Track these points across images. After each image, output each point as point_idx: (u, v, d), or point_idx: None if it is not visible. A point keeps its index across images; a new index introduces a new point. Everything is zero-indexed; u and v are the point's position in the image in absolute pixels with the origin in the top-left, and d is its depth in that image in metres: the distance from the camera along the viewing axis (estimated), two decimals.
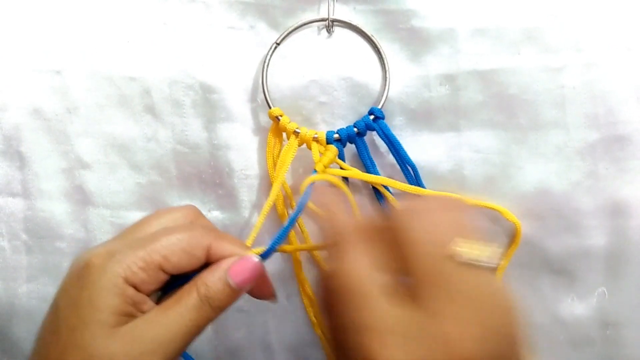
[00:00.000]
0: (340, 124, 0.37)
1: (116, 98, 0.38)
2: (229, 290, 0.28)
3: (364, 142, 0.36)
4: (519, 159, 0.36)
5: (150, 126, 0.38)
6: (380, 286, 0.24)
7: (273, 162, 0.37)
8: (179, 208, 0.31)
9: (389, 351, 0.22)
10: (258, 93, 0.37)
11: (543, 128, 0.35)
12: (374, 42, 0.36)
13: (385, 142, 0.36)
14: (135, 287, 0.27)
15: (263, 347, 0.40)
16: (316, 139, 0.36)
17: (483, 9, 0.35)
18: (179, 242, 0.28)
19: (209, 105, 0.37)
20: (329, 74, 0.36)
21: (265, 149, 0.37)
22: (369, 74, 0.36)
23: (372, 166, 0.37)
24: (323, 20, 0.36)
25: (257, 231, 0.32)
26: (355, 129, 0.36)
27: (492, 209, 0.36)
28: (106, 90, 0.38)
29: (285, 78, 0.37)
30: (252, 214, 0.38)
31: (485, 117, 0.36)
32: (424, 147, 0.37)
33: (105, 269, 0.26)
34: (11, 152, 0.38)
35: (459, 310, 0.23)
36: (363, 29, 0.36)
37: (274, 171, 0.36)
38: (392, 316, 0.23)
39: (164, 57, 0.37)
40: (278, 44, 0.36)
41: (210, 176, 0.38)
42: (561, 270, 0.37)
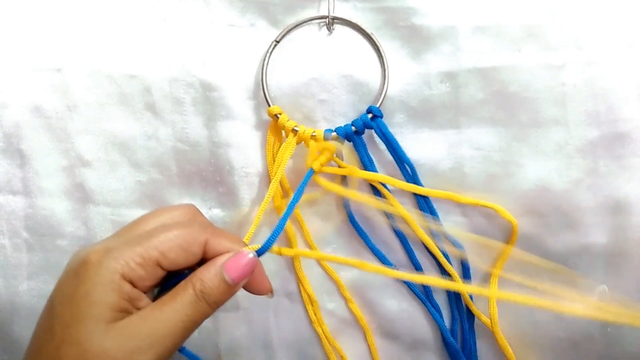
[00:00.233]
0: (341, 122, 0.37)
1: (116, 96, 0.38)
2: (225, 285, 0.28)
3: (362, 140, 0.36)
4: (520, 156, 0.36)
5: (150, 124, 0.38)
6: None
7: (273, 159, 0.37)
8: (177, 206, 0.32)
9: None
10: (258, 91, 0.37)
11: (544, 126, 0.35)
12: (373, 40, 0.36)
13: (383, 141, 0.36)
14: (132, 283, 0.27)
15: (263, 344, 0.40)
16: (314, 137, 0.36)
17: (483, 7, 0.35)
18: (176, 238, 0.28)
19: (210, 103, 0.37)
20: (329, 71, 0.36)
21: (265, 146, 0.37)
22: (369, 71, 0.36)
23: (370, 164, 0.37)
24: (323, 17, 0.36)
25: (255, 227, 0.32)
26: (353, 128, 0.36)
27: (489, 207, 0.36)
28: (106, 88, 0.38)
29: (286, 76, 0.37)
30: (252, 212, 0.38)
31: (486, 114, 0.36)
32: (424, 144, 0.37)
33: (102, 265, 0.26)
34: (12, 150, 0.38)
35: None
36: (363, 26, 0.36)
37: (273, 168, 0.36)
38: None
39: (164, 55, 0.37)
40: (277, 42, 0.36)
41: (210, 174, 0.38)
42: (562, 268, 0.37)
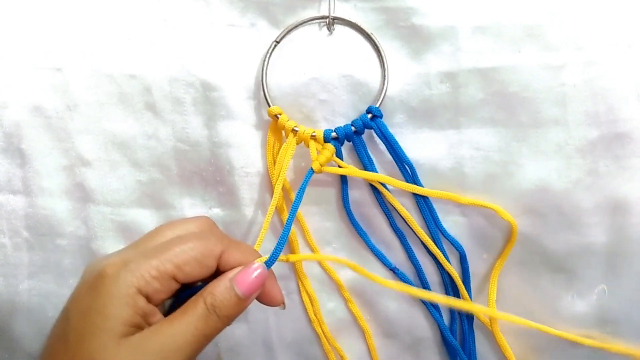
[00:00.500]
0: (341, 122, 0.37)
1: (117, 96, 0.38)
2: (236, 299, 0.28)
3: (361, 140, 0.36)
4: (520, 156, 0.36)
5: (150, 124, 0.38)
6: None
7: (273, 159, 0.37)
8: (192, 218, 0.32)
9: None
10: (258, 91, 0.37)
11: (543, 126, 0.35)
12: (373, 40, 0.36)
13: (383, 141, 0.36)
14: (147, 297, 0.27)
15: (264, 344, 0.40)
16: (314, 137, 0.36)
17: (483, 7, 0.35)
18: (192, 250, 0.28)
19: (210, 103, 0.37)
20: (329, 71, 0.36)
21: (265, 146, 0.37)
22: (369, 71, 0.36)
23: (370, 164, 0.37)
24: (324, 18, 0.36)
25: (264, 233, 0.33)
26: (353, 128, 0.36)
27: (488, 207, 0.36)
28: (107, 88, 0.38)
29: (286, 76, 0.37)
30: (252, 211, 0.38)
31: (486, 114, 0.36)
32: (424, 144, 0.37)
33: (119, 278, 0.26)
34: (12, 150, 0.38)
35: None
36: (363, 26, 0.36)
37: (274, 169, 0.36)
38: None
39: (164, 54, 0.37)
40: (278, 42, 0.36)
41: (210, 174, 0.38)
42: (561, 268, 0.37)
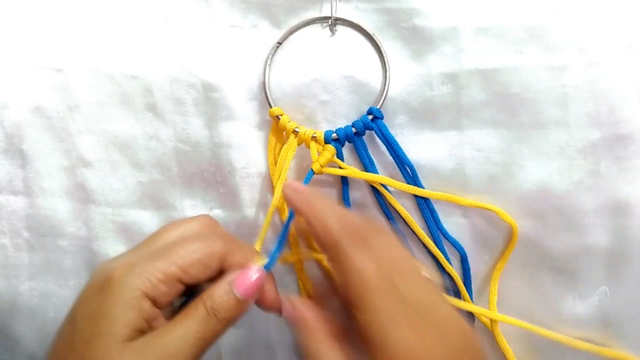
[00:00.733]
0: (342, 123, 0.37)
1: (117, 96, 0.38)
2: (235, 301, 0.28)
3: (362, 141, 0.36)
4: (521, 157, 0.36)
5: (151, 124, 0.38)
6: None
7: (274, 160, 0.37)
8: (195, 218, 0.32)
9: None
10: (259, 91, 0.37)
11: (545, 127, 0.35)
12: (375, 41, 0.36)
13: (383, 142, 0.36)
14: (153, 300, 0.27)
15: (264, 344, 0.40)
16: (315, 138, 0.36)
17: (485, 8, 0.35)
18: (196, 253, 0.28)
19: (211, 104, 0.37)
20: (331, 72, 0.36)
21: (266, 147, 0.37)
22: (371, 72, 0.36)
23: (371, 165, 0.37)
24: (326, 19, 0.36)
25: (264, 235, 0.33)
26: (354, 129, 0.36)
27: (488, 209, 0.36)
28: (108, 88, 0.38)
29: (288, 76, 0.37)
30: (253, 212, 0.38)
31: (488, 116, 0.36)
32: (426, 145, 0.37)
33: (126, 282, 0.26)
34: (13, 150, 0.38)
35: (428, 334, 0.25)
36: (365, 27, 0.36)
37: (275, 169, 0.36)
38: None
39: (165, 55, 0.37)
40: (280, 44, 0.36)
41: (211, 174, 0.38)
42: (563, 269, 0.37)
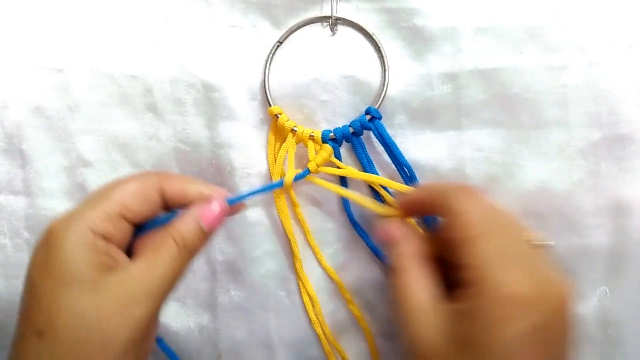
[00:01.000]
0: (342, 123, 0.37)
1: (117, 96, 0.38)
2: (202, 233, 0.29)
3: (360, 141, 0.36)
4: (521, 157, 0.36)
5: (151, 124, 0.38)
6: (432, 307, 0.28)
7: (274, 158, 0.37)
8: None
9: None
10: (259, 92, 0.37)
11: (545, 127, 0.35)
12: (374, 40, 0.36)
13: (381, 142, 0.36)
14: (104, 238, 0.28)
15: (264, 344, 0.40)
16: (312, 138, 0.36)
17: (485, 8, 0.35)
18: (132, 187, 0.29)
19: (211, 104, 0.37)
20: (330, 72, 0.36)
21: (266, 147, 0.37)
22: (370, 72, 0.36)
23: (370, 165, 0.37)
24: (326, 18, 0.36)
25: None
26: (351, 129, 0.36)
27: None
28: (108, 89, 0.38)
29: (288, 76, 0.37)
30: (253, 212, 0.38)
31: (487, 116, 0.36)
32: (425, 145, 0.37)
33: (69, 228, 0.27)
34: (13, 150, 0.38)
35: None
36: (365, 27, 0.36)
37: (275, 168, 0.37)
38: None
39: (165, 55, 0.37)
40: (281, 43, 0.36)
41: (211, 174, 0.38)
42: (562, 270, 0.37)
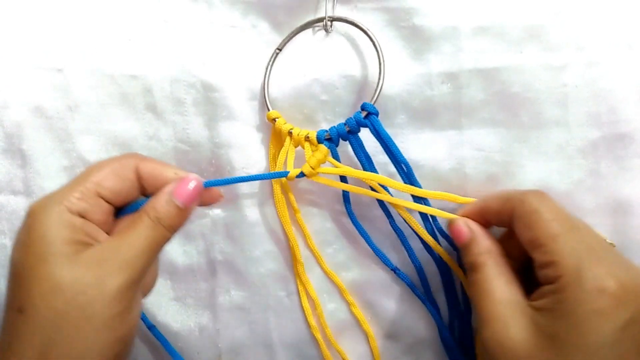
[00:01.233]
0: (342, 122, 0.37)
1: (117, 96, 0.38)
2: (177, 209, 0.30)
3: (358, 139, 0.35)
4: (521, 157, 0.36)
5: (151, 124, 0.38)
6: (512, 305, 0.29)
7: (274, 163, 0.37)
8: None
9: None
10: (259, 91, 0.37)
11: (545, 126, 0.35)
12: (369, 36, 0.35)
13: (377, 139, 0.35)
14: (81, 217, 0.28)
15: (264, 344, 0.40)
16: (308, 139, 0.36)
17: (485, 7, 0.35)
18: (107, 167, 0.30)
19: (211, 104, 0.37)
20: (330, 72, 0.36)
21: (266, 147, 0.37)
22: (370, 71, 0.36)
23: (369, 163, 0.36)
24: (322, 19, 0.36)
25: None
26: (347, 127, 0.35)
27: None
28: (108, 89, 0.38)
29: (287, 77, 0.37)
30: (253, 212, 0.38)
31: (487, 115, 0.36)
32: (425, 145, 0.36)
33: (47, 208, 0.28)
34: (13, 150, 0.38)
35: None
36: (359, 23, 0.35)
37: (275, 169, 0.36)
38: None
39: (165, 55, 0.37)
40: (280, 50, 0.36)
41: (211, 174, 0.38)
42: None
